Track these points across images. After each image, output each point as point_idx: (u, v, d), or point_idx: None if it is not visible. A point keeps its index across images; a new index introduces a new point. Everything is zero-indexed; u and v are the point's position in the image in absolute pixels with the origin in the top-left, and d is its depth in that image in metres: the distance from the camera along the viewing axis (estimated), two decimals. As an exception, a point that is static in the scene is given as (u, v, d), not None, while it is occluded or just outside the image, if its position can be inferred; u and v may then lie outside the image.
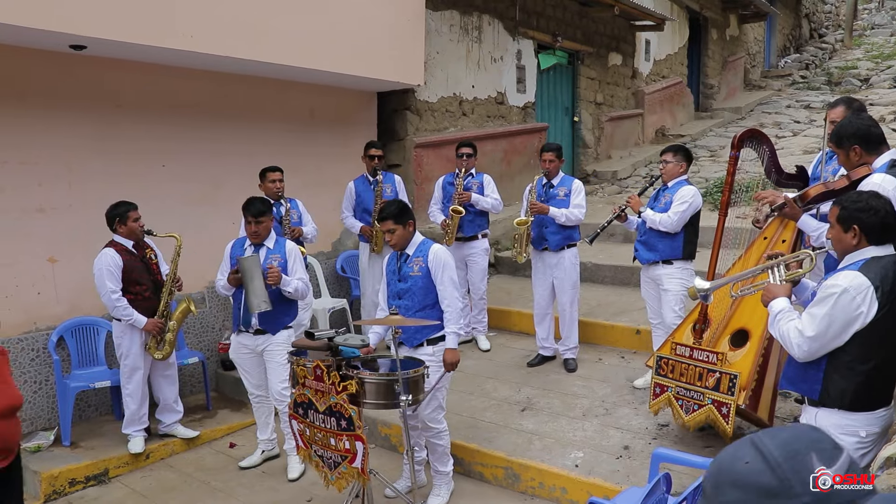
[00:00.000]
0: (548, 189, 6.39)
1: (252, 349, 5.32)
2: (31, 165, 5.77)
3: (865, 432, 3.08)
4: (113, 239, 5.51)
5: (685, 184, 5.62)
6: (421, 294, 4.64)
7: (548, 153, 6.39)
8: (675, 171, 5.68)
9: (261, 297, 5.05)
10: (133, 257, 5.50)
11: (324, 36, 6.77)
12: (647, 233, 5.69)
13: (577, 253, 6.43)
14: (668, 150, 5.81)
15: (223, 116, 7.00)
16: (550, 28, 11.00)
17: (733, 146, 4.68)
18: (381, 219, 4.65)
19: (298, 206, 6.66)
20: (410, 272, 4.65)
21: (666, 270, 5.60)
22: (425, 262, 4.63)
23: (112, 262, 5.37)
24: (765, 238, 4.87)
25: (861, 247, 3.14)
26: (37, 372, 5.83)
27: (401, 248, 4.69)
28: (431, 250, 4.65)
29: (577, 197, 6.31)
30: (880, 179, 3.62)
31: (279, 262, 5.24)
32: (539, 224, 6.33)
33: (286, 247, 5.36)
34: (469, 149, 6.91)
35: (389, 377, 4.20)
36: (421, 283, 4.63)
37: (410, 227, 4.68)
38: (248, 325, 5.26)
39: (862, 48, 21.71)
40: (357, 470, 4.17)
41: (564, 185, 6.38)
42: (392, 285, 4.78)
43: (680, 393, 4.64)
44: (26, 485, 5.31)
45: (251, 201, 5.27)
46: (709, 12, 16.70)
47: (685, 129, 15.14)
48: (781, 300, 3.34)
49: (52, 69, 5.77)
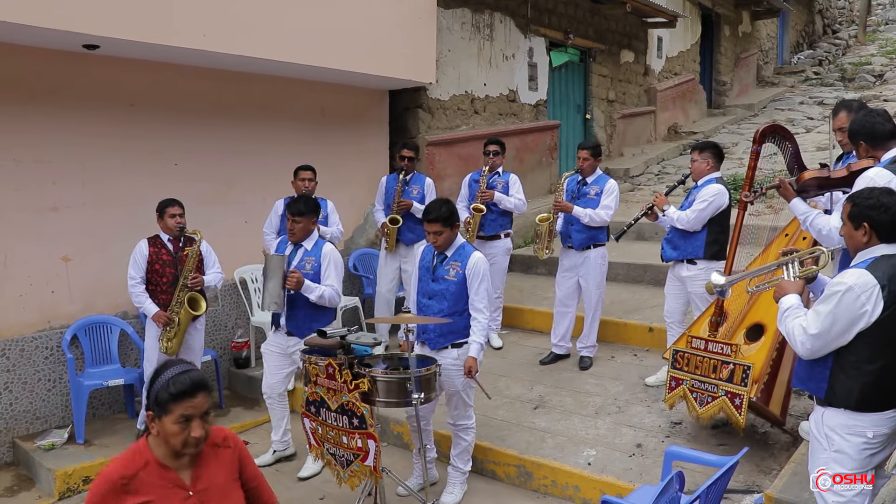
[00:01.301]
0: (581, 187, 6.35)
1: (283, 349, 5.32)
2: (46, 164, 5.80)
3: (873, 433, 3.04)
4: (157, 233, 5.69)
5: (713, 181, 5.54)
6: (452, 300, 4.58)
7: (583, 151, 6.36)
8: (703, 169, 5.61)
9: (272, 298, 5.04)
10: (163, 251, 5.62)
11: (335, 34, 6.77)
12: (671, 231, 5.68)
13: (605, 253, 6.38)
14: (695, 147, 5.77)
15: (235, 115, 7.01)
16: (562, 25, 10.96)
17: (755, 141, 4.64)
18: (430, 220, 4.54)
19: (328, 206, 6.65)
20: (445, 275, 4.59)
21: (690, 272, 5.53)
22: (463, 269, 4.55)
23: (138, 252, 5.60)
24: (786, 235, 4.86)
25: (872, 244, 3.11)
26: (51, 370, 5.86)
27: (443, 250, 4.63)
28: (472, 259, 4.56)
29: (608, 198, 6.24)
30: (874, 173, 3.62)
31: (312, 265, 5.19)
32: (567, 220, 6.31)
33: (323, 250, 5.25)
34: (496, 146, 6.89)
35: (402, 375, 4.20)
36: (454, 288, 4.57)
37: (456, 230, 4.63)
38: (279, 325, 5.27)
39: (876, 44, 21.52)
40: (369, 468, 4.18)
41: (598, 184, 6.32)
42: (424, 282, 4.72)
43: (694, 385, 4.63)
44: (41, 482, 5.35)
45: (296, 199, 5.32)
46: (721, 9, 16.61)
47: (697, 126, 15.07)
48: (792, 297, 3.32)
49: (65, 69, 5.80)
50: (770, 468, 4.52)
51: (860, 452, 3.06)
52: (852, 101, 4.70)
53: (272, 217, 6.62)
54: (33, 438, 5.66)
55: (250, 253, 6.92)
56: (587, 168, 6.34)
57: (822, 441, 3.16)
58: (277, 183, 6.93)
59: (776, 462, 4.58)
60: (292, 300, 5.17)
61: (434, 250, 4.67)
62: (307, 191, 6.36)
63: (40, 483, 5.38)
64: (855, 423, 3.06)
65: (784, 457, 4.55)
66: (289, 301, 5.18)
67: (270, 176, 7.13)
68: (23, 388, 5.72)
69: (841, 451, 3.09)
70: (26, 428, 5.77)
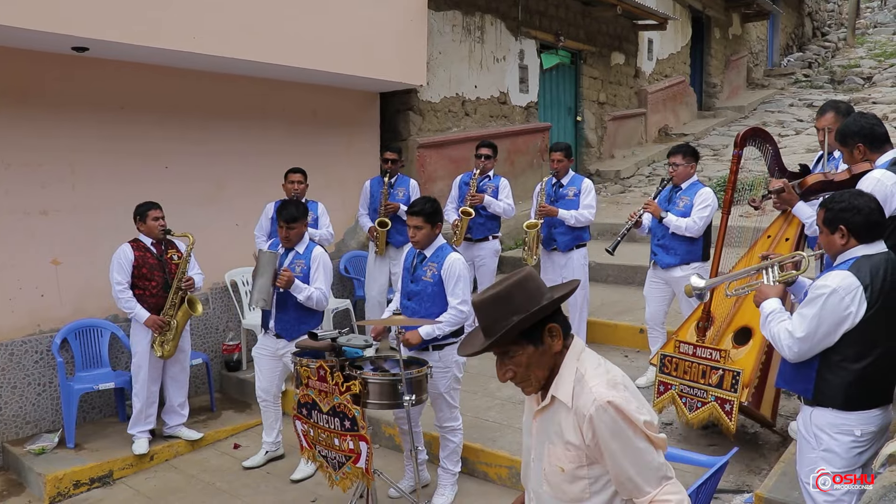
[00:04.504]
0: (557, 189, 6.37)
1: (273, 352, 5.32)
2: (35, 167, 5.78)
3: (860, 431, 3.07)
4: (137, 237, 5.61)
5: (700, 185, 5.60)
6: (429, 300, 4.59)
7: (556, 153, 6.37)
8: (687, 173, 5.65)
9: (262, 295, 5.06)
10: (148, 254, 5.56)
11: (326, 36, 6.77)
12: (665, 236, 5.64)
13: (587, 253, 6.42)
14: (676, 152, 5.73)
15: (226, 117, 7.00)
16: (553, 28, 10.99)
17: (736, 144, 4.67)
18: (412, 213, 4.56)
19: (318, 208, 6.65)
20: (423, 276, 4.60)
21: (685, 272, 5.53)
22: (439, 269, 4.55)
23: (123, 256, 5.49)
24: (768, 236, 4.87)
25: (850, 247, 3.14)
26: (41, 374, 5.84)
27: (421, 248, 4.64)
28: (448, 259, 4.55)
29: (588, 197, 6.29)
30: (880, 175, 3.62)
31: (302, 267, 5.19)
32: (549, 225, 6.32)
33: (313, 253, 5.26)
34: (488, 150, 6.88)
35: (393, 377, 4.20)
36: (431, 289, 4.58)
37: (437, 230, 4.63)
38: (269, 327, 5.27)
39: (865, 46, 21.64)
40: (361, 470, 4.17)
41: (574, 184, 6.37)
42: (405, 283, 4.75)
43: (683, 391, 4.64)
44: (31, 487, 5.33)
45: (286, 205, 5.22)
46: (711, 11, 16.68)
47: (688, 128, 15.13)
48: (773, 301, 3.35)
49: (55, 71, 5.78)
50: (760, 468, 4.54)
51: (849, 451, 3.09)
52: (840, 103, 4.72)
53: (262, 221, 6.62)
54: (23, 443, 5.64)
55: (241, 255, 6.91)
56: (562, 169, 6.37)
57: (810, 440, 3.19)
58: (269, 185, 6.92)
59: (766, 462, 4.60)
60: (282, 301, 5.17)
61: (415, 252, 4.70)
62: (297, 193, 6.36)
63: (30, 487, 5.36)
64: (843, 421, 3.09)
65: (774, 457, 4.57)
66: (278, 302, 5.18)
67: (261, 179, 7.12)
68: (12, 393, 5.70)
69: (830, 450, 3.11)
70: (16, 432, 5.74)
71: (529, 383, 2.24)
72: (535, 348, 2.18)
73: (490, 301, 2.17)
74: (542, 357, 2.19)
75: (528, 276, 2.18)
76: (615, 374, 2.20)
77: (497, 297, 2.15)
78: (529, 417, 2.38)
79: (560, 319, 2.21)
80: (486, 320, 2.18)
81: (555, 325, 2.19)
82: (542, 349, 2.18)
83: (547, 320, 2.18)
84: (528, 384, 2.24)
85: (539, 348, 2.18)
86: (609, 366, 2.23)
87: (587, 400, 2.10)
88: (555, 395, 2.20)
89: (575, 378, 2.17)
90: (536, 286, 2.19)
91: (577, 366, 2.19)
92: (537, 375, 2.21)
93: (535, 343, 2.17)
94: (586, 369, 2.18)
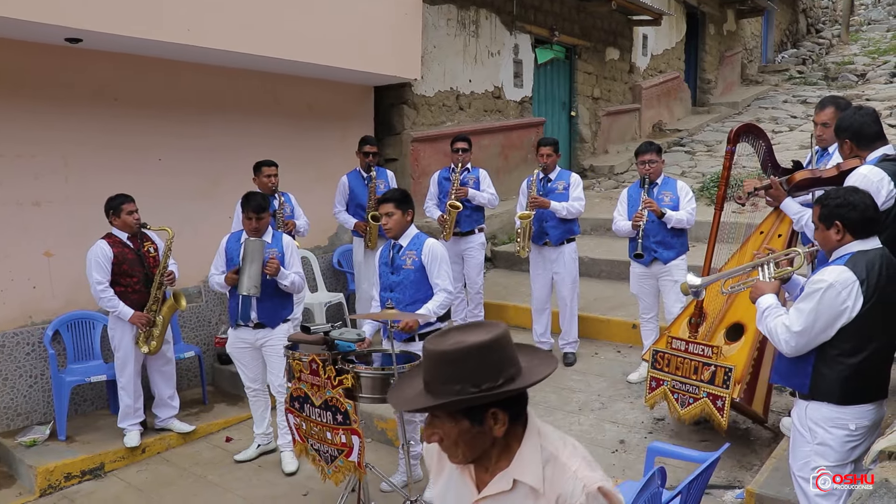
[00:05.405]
0: (546, 183, 6.40)
1: (251, 343, 5.32)
2: (28, 159, 5.75)
3: (855, 425, 3.10)
4: (110, 231, 5.51)
5: (672, 179, 5.90)
6: (413, 288, 4.66)
7: (545, 147, 6.40)
8: (660, 169, 5.94)
9: (253, 282, 5.07)
10: (126, 250, 5.49)
11: (321, 30, 6.75)
12: (661, 233, 5.74)
13: (577, 248, 6.45)
14: (648, 149, 5.89)
15: (220, 111, 6.97)
16: (548, 22, 10.98)
17: (729, 141, 4.70)
18: (383, 201, 4.67)
19: (291, 199, 6.67)
20: (403, 265, 4.68)
21: (676, 262, 5.76)
22: (419, 255, 4.64)
23: (101, 254, 5.39)
24: (761, 232, 4.88)
25: (846, 242, 3.17)
26: (32, 366, 5.82)
27: (395, 236, 4.70)
28: (426, 244, 4.67)
29: (577, 190, 6.36)
30: (867, 171, 3.65)
31: (276, 255, 5.25)
32: (539, 219, 6.33)
33: (283, 241, 5.38)
34: (464, 143, 6.88)
35: (385, 371, 4.21)
36: (413, 276, 4.66)
37: (409, 217, 4.71)
38: (248, 320, 5.25)
39: (858, 43, 21.69)
40: (353, 464, 4.18)
41: (562, 178, 6.43)
42: (384, 277, 4.80)
43: (675, 387, 4.65)
44: (22, 479, 5.32)
45: (252, 196, 5.23)
46: (706, 7, 16.69)
47: (682, 123, 15.13)
48: (769, 297, 3.38)
49: (48, 62, 5.75)
50: (751, 464, 4.56)
51: (843, 445, 3.12)
52: (840, 98, 4.73)
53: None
54: (14, 435, 5.63)
55: (234, 249, 6.88)
56: (550, 164, 6.42)
57: (804, 434, 3.21)
58: (262, 179, 6.88)
59: (757, 458, 4.62)
60: (264, 289, 5.19)
61: (390, 245, 4.76)
62: (272, 186, 6.35)
63: (21, 479, 5.34)
64: (838, 415, 3.12)
65: (765, 452, 4.59)
66: None
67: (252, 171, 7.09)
68: (4, 384, 5.68)
69: (824, 443, 3.14)
70: (7, 424, 5.73)
71: (456, 456, 1.91)
72: (470, 426, 1.84)
73: (439, 357, 1.83)
74: (476, 437, 1.86)
75: (496, 340, 1.82)
76: (580, 447, 1.94)
77: (451, 356, 1.81)
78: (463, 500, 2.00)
79: (512, 404, 1.86)
80: (429, 375, 1.85)
81: (500, 412, 1.83)
82: (478, 429, 1.84)
83: (494, 404, 1.83)
84: (454, 456, 1.92)
85: (475, 427, 1.84)
86: (568, 438, 1.96)
87: (574, 487, 1.83)
88: (518, 479, 1.88)
89: (543, 458, 1.87)
90: (500, 357, 1.82)
91: (542, 444, 1.89)
92: (465, 453, 1.89)
93: (472, 421, 1.83)
94: (557, 448, 1.89)
